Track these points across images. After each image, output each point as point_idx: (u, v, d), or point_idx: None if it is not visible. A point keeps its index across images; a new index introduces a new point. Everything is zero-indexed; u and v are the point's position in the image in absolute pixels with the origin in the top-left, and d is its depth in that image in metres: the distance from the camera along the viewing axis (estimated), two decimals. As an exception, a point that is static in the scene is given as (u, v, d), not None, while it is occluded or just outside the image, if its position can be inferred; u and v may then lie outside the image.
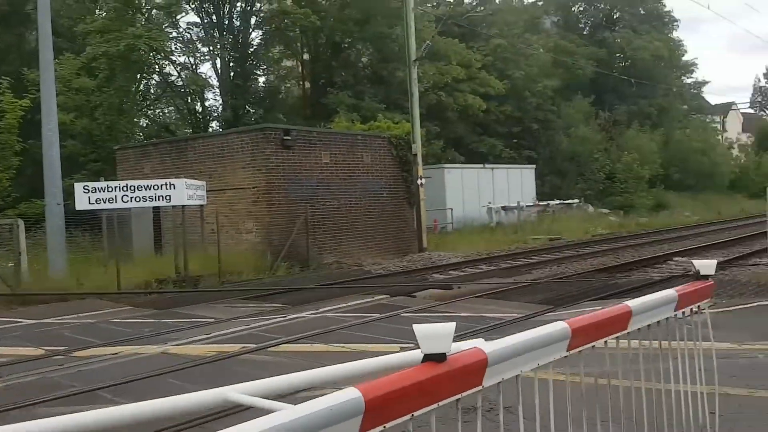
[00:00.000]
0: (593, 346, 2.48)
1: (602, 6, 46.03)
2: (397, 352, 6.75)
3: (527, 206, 26.84)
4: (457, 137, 30.01)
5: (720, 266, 13.73)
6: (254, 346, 7.27)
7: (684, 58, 48.71)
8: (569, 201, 30.34)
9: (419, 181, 18.13)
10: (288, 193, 15.73)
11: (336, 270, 15.50)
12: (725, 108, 63.72)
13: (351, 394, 1.41)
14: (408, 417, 1.55)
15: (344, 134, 17.85)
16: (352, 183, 17.17)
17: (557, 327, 2.28)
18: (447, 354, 1.67)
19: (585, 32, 45.27)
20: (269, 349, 7.23)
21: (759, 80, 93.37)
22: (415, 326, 1.65)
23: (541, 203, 28.48)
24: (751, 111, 78.75)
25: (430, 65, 25.86)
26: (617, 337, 2.64)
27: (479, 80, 29.51)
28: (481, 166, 27.16)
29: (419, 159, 18.27)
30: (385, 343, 7.37)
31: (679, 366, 3.15)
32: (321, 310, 9.89)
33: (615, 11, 45.90)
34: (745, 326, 7.27)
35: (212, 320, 9.16)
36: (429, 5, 30.29)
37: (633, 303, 2.79)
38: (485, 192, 26.16)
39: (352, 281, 13.34)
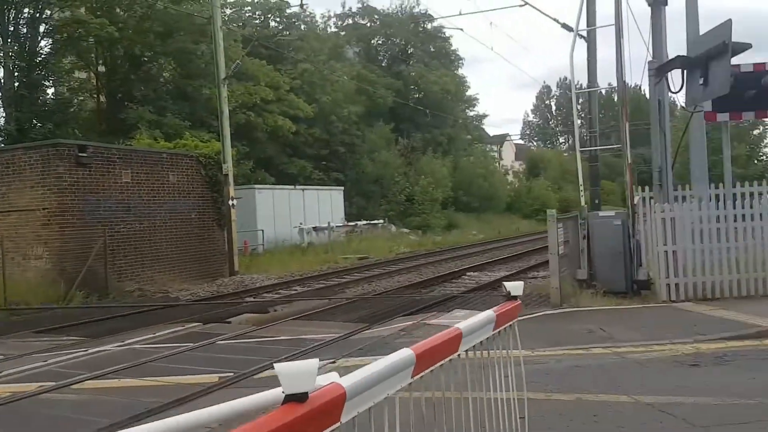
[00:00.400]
0: (432, 371, 2.68)
1: (398, 41, 49.11)
2: (216, 382, 6.61)
3: (337, 227, 27.52)
4: (267, 158, 29.87)
5: (505, 280, 15.30)
6: (54, 384, 6.56)
7: (468, 93, 53.77)
8: (375, 221, 31.68)
9: (230, 202, 17.69)
10: (84, 215, 14.43)
11: (139, 298, 14.50)
12: (501, 139, 71.33)
13: (219, 446, 1.35)
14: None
15: (147, 152, 16.83)
16: (157, 204, 16.24)
17: (404, 354, 2.37)
18: (309, 393, 1.62)
19: (384, 64, 47.89)
20: (72, 386, 6.59)
21: (528, 115, 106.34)
22: (276, 365, 1.61)
23: (349, 224, 29.36)
24: (521, 142, 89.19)
25: (239, 85, 25.53)
26: (450, 359, 2.89)
27: (288, 102, 29.77)
28: (292, 187, 27.34)
29: (230, 179, 17.84)
30: (203, 373, 7.07)
31: (496, 375, 3.51)
32: (127, 342, 9.21)
33: (409, 47, 49.24)
34: (533, 334, 8.07)
35: (0, 357, 8.11)
36: (234, 25, 29.92)
37: (462, 326, 3.04)
38: (296, 213, 26.33)
39: (159, 308, 12.62)
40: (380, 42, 49.83)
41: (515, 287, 3.97)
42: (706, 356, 6.61)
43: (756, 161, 49.88)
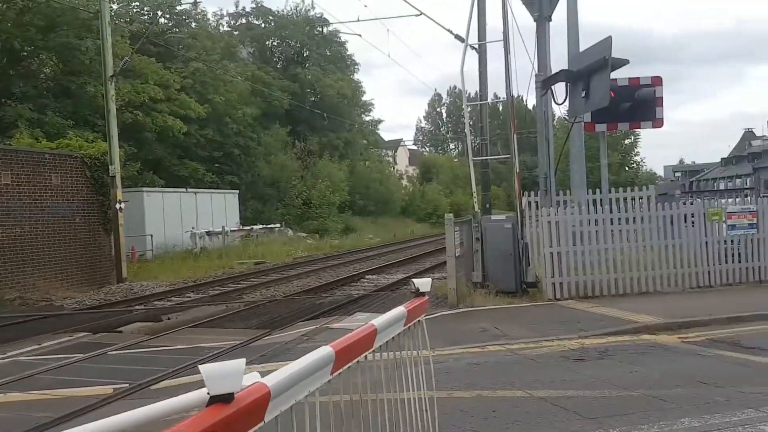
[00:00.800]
0: (349, 367, 2.77)
1: (293, 43, 48.72)
2: (110, 394, 6.37)
3: (232, 231, 26.87)
4: (156, 159, 28.64)
5: (402, 282, 15.69)
6: (-74, 403, 6.07)
7: (363, 98, 54.35)
8: (271, 225, 31.22)
9: (118, 206, 16.87)
10: (-42, 218, 13.30)
11: (20, 306, 13.54)
12: (396, 144, 72.74)
13: (148, 449, 1.28)
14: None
15: (29, 152, 15.67)
16: (39, 207, 15.21)
17: (324, 351, 2.44)
18: (235, 393, 1.61)
19: (279, 66, 47.36)
20: (-51, 405, 6.12)
21: (420, 121, 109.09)
22: (201, 366, 1.60)
23: (245, 228, 28.78)
24: (414, 147, 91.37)
25: (125, 83, 24.36)
26: (366, 355, 3.00)
27: (179, 102, 28.70)
28: (184, 190, 26.41)
29: (118, 181, 17.01)
30: (96, 385, 6.78)
31: (409, 373, 3.67)
32: (10, 354, 8.65)
33: (305, 50, 48.98)
34: (433, 334, 8.25)
35: None
36: (122, 20, 28.52)
37: (377, 322, 3.16)
38: (188, 217, 25.47)
39: (43, 318, 11.85)
40: (275, 43, 49.26)
41: (423, 284, 4.17)
42: (590, 351, 7.13)
43: (627, 168, 53.95)
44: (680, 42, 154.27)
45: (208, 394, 1.59)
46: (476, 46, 20.55)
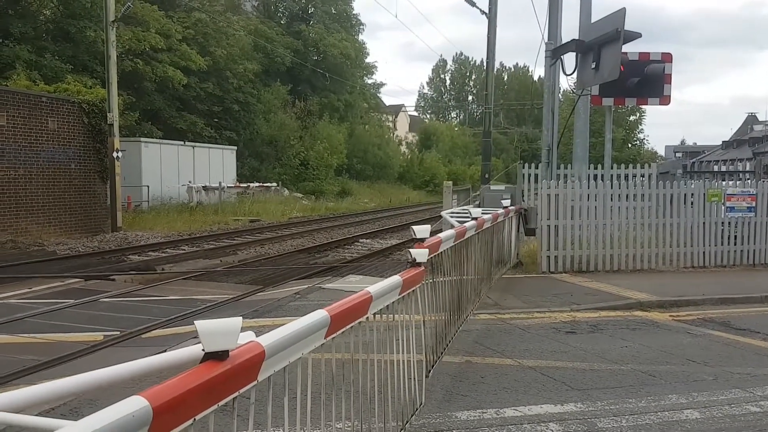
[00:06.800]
0: (343, 332, 2.74)
1: (299, -1, 47.81)
2: (100, 341, 6.36)
3: (228, 187, 26.78)
4: (154, 110, 28.29)
5: (396, 248, 15.69)
6: None
7: (367, 60, 53.43)
8: (267, 184, 31.10)
9: (115, 154, 16.72)
10: (-50, 158, 13.16)
11: (12, 250, 13.50)
12: (397, 109, 71.91)
13: (137, 403, 1.29)
14: (190, 422, 1.47)
15: (25, 94, 15.45)
16: (35, 151, 15.07)
17: (319, 315, 2.40)
18: (230, 351, 1.60)
19: (283, 22, 46.48)
20: (-62, 344, 6.11)
21: (423, 87, 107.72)
22: (197, 322, 1.57)
23: (241, 185, 28.67)
24: (416, 114, 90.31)
25: (126, 29, 23.91)
26: (360, 322, 2.97)
27: (180, 53, 28.21)
28: (182, 143, 26.19)
29: (116, 130, 16.83)
30: (86, 331, 6.79)
31: (401, 336, 3.66)
32: (0, 296, 8.63)
33: (310, 6, 48.00)
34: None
35: None
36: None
37: (372, 289, 3.12)
38: (186, 170, 25.33)
39: (35, 262, 11.82)
40: (280, -2, 48.28)
41: (420, 254, 4.12)
42: (582, 324, 7.14)
43: (630, 145, 53.69)
44: (689, 22, 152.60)
45: (203, 350, 1.57)
46: (486, 11, 20.24)
